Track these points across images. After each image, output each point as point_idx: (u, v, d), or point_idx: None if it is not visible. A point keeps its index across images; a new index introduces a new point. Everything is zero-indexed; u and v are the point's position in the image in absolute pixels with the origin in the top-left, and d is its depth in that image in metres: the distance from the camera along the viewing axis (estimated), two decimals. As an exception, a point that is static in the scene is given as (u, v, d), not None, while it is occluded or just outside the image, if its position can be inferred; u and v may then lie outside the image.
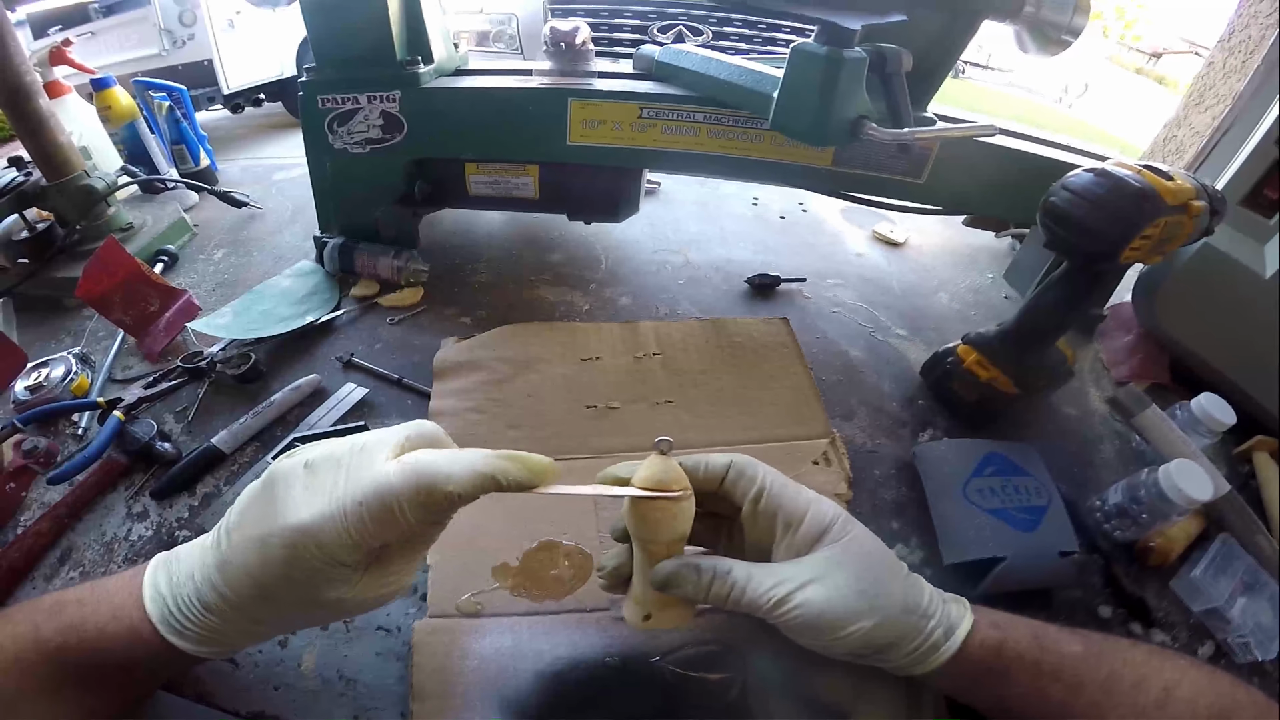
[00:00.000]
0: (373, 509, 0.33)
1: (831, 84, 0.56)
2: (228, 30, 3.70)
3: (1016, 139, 0.76)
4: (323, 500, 0.34)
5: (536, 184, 0.83)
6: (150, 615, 0.37)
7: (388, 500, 0.33)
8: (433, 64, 0.78)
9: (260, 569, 0.35)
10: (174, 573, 0.38)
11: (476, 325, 0.78)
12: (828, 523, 0.41)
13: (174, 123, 1.07)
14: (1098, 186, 0.52)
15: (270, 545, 0.34)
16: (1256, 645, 0.53)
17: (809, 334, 0.80)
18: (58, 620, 0.38)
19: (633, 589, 0.43)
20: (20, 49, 0.78)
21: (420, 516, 0.34)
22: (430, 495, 0.34)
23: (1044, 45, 0.67)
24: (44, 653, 0.37)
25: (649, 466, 0.39)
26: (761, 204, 1.13)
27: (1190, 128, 1.50)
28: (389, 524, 0.34)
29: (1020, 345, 0.66)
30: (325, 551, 0.34)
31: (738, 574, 0.40)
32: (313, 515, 0.34)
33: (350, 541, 0.34)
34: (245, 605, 0.36)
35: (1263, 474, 0.69)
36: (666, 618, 0.42)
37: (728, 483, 0.43)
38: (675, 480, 0.39)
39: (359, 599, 0.36)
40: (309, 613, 0.38)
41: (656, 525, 0.39)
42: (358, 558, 0.35)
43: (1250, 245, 0.70)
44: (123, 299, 0.73)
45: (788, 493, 0.42)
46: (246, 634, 0.39)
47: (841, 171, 0.76)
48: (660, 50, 0.80)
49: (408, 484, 0.33)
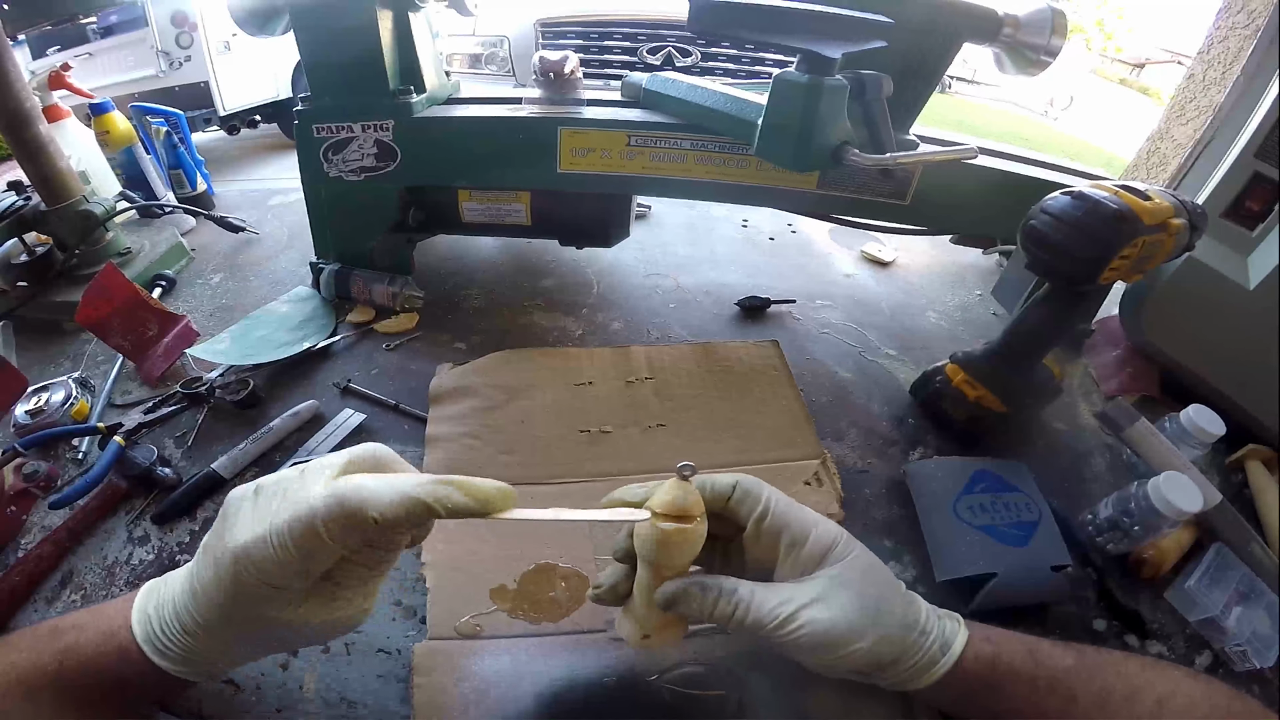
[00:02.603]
0: (296, 532, 0.34)
1: (813, 112, 0.57)
2: (224, 52, 3.71)
3: (999, 159, 0.77)
4: (258, 524, 0.35)
5: (528, 210, 0.85)
6: (136, 636, 0.38)
7: (311, 524, 0.34)
8: (425, 93, 0.79)
9: (216, 589, 0.36)
10: (160, 596, 0.39)
11: (471, 350, 0.79)
12: (831, 543, 0.42)
13: (171, 148, 1.09)
14: (1075, 209, 0.53)
15: (221, 565, 0.35)
16: (1254, 653, 0.53)
17: (799, 355, 0.81)
18: (56, 644, 0.39)
19: (632, 608, 0.43)
20: (20, 75, 0.79)
21: (346, 540, 0.35)
22: (352, 518, 0.34)
23: (1023, 66, 0.69)
24: (45, 676, 0.38)
25: (670, 491, 0.39)
26: (751, 226, 1.14)
27: (1173, 140, 1.52)
28: (314, 547, 0.34)
29: (1007, 364, 0.66)
30: (261, 572, 0.34)
31: (743, 593, 0.40)
32: (248, 538, 0.35)
33: (280, 562, 0.34)
34: (212, 626, 0.37)
35: (1256, 483, 0.69)
36: (664, 637, 0.42)
37: (733, 502, 0.43)
38: (695, 505, 0.39)
39: (306, 622, 0.36)
40: (266, 633, 0.38)
41: (673, 549, 0.40)
42: (292, 580, 0.35)
43: (1233, 257, 0.71)
44: (122, 324, 0.74)
45: (792, 513, 0.43)
46: (222, 655, 0.39)
47: (827, 195, 0.77)
48: (648, 78, 0.82)
49: (330, 508, 0.34)
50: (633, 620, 0.42)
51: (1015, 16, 0.66)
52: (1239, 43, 1.33)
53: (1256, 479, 0.69)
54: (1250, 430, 0.72)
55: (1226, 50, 1.37)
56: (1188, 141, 1.43)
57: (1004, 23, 0.66)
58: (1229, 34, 1.36)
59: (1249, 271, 0.70)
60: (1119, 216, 0.52)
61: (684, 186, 0.78)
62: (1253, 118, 0.72)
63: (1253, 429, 0.72)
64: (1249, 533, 0.62)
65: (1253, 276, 0.69)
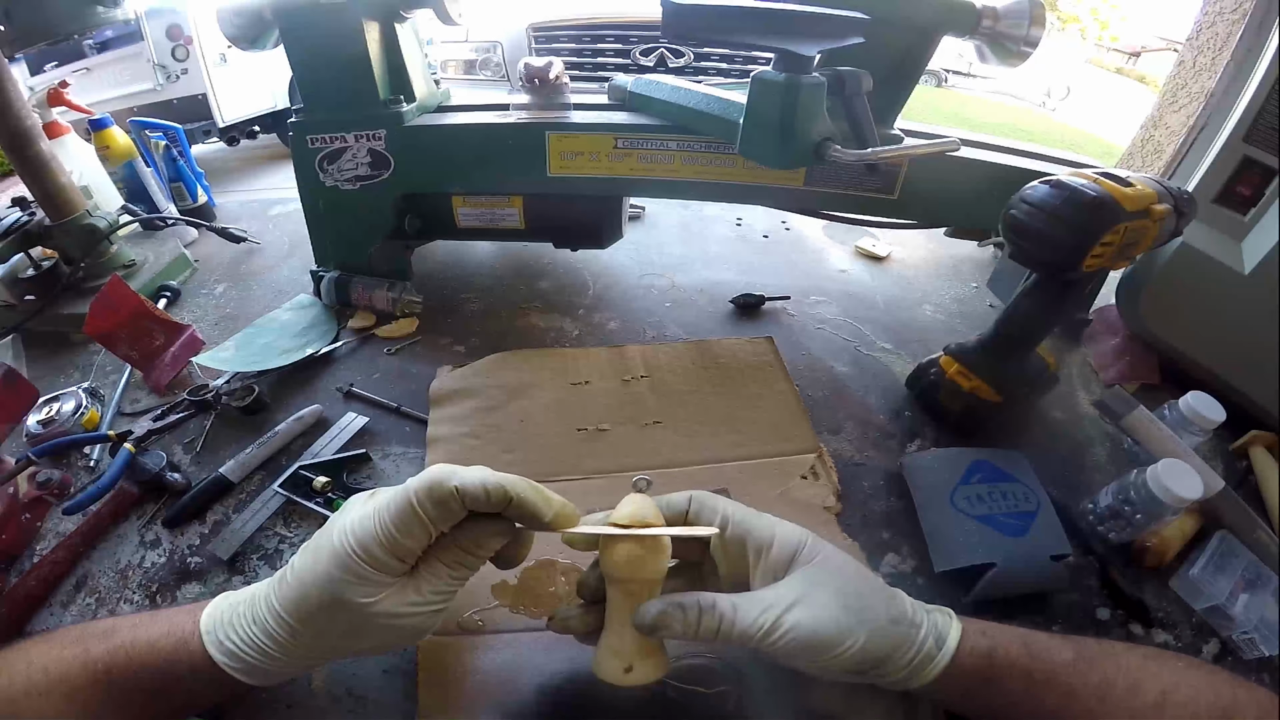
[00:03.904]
0: (394, 507, 0.38)
1: (791, 110, 0.57)
2: (220, 64, 3.75)
3: (984, 150, 0.77)
4: (366, 507, 0.39)
5: (522, 215, 0.86)
6: (201, 627, 0.40)
7: (406, 496, 0.38)
8: (415, 102, 0.80)
9: (307, 570, 0.39)
10: (236, 596, 0.42)
11: (470, 353, 0.80)
12: (797, 544, 0.42)
13: (171, 161, 1.10)
14: (1053, 198, 0.53)
15: (320, 548, 0.39)
16: (1262, 640, 0.52)
17: (794, 351, 0.81)
18: (110, 641, 0.40)
19: (607, 642, 0.41)
20: (20, 94, 0.81)
21: (435, 515, 0.38)
22: (437, 488, 0.38)
23: (1004, 57, 0.69)
24: (91, 674, 0.39)
25: (627, 505, 0.41)
26: (745, 224, 1.15)
27: (1166, 128, 1.52)
28: (408, 520, 0.38)
29: (1000, 354, 0.67)
30: (362, 547, 0.38)
31: (723, 606, 0.39)
32: (355, 517, 0.39)
33: (379, 539, 0.38)
34: (287, 616, 0.39)
35: (1260, 468, 0.68)
36: (648, 668, 0.40)
37: (690, 516, 0.43)
38: (655, 515, 0.41)
39: (385, 613, 0.38)
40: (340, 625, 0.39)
41: (637, 563, 0.40)
42: (387, 558, 0.38)
43: (1227, 242, 0.71)
44: (129, 334, 0.75)
45: (751, 519, 0.43)
46: (285, 654, 0.39)
47: (814, 191, 0.77)
48: (633, 81, 0.83)
49: (421, 480, 0.38)
50: (611, 654, 0.41)
51: (994, 8, 0.66)
52: (1227, 28, 1.33)
53: (1261, 465, 0.69)
54: (1252, 416, 0.72)
55: (1215, 36, 1.37)
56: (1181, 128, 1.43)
57: (982, 15, 0.66)
58: (1216, 19, 1.36)
59: (1243, 256, 0.70)
60: (1097, 204, 0.52)
61: (672, 186, 0.79)
62: (1239, 102, 0.72)
63: (1254, 414, 0.72)
64: (1253, 519, 0.61)
65: (1247, 261, 0.69)
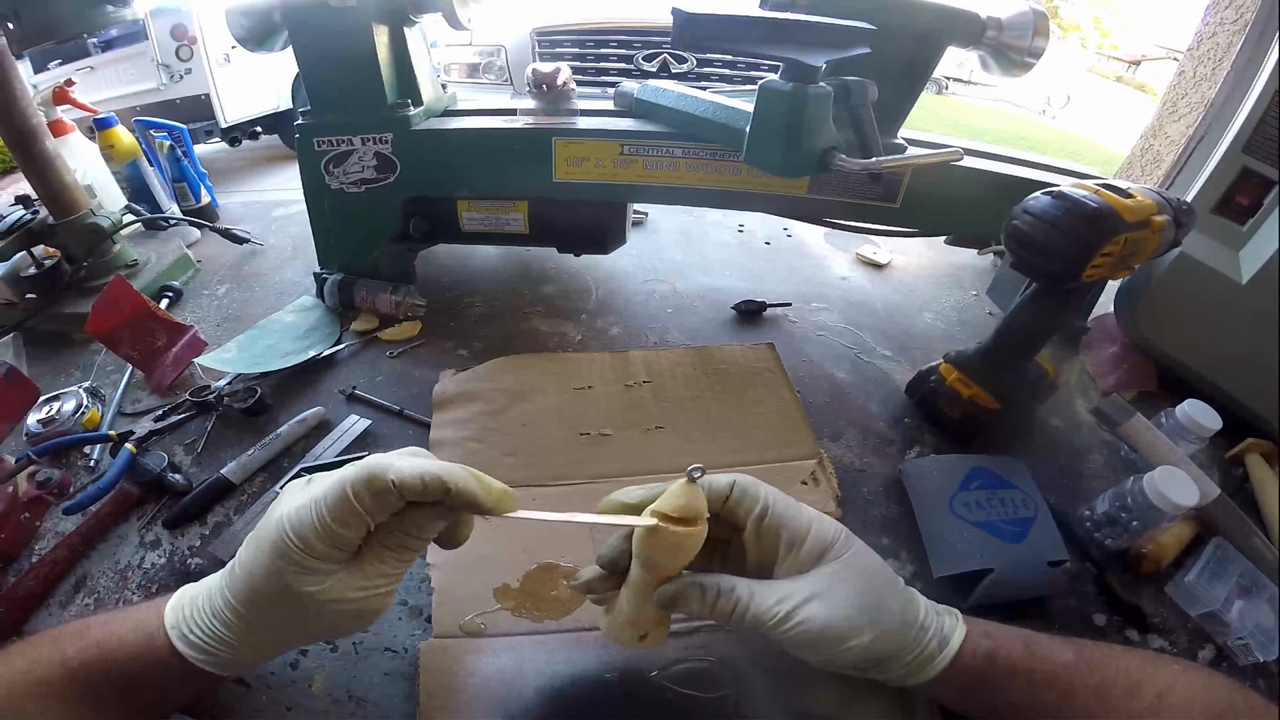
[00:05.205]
0: (330, 499, 0.37)
1: (798, 119, 0.58)
2: (224, 65, 3.76)
3: (987, 159, 0.78)
4: (302, 497, 0.39)
5: (526, 219, 0.86)
6: (165, 622, 0.40)
7: (342, 488, 0.37)
8: (422, 105, 0.81)
9: (254, 562, 0.38)
10: (194, 589, 0.42)
11: (473, 357, 0.80)
12: (830, 540, 0.42)
13: (175, 161, 1.10)
14: (1055, 209, 0.54)
15: (262, 539, 0.39)
16: (1257, 647, 0.53)
17: (795, 358, 0.81)
18: (83, 639, 0.40)
19: (624, 610, 0.43)
20: (26, 92, 0.81)
21: (371, 507, 0.38)
22: (374, 482, 0.37)
23: (1008, 68, 0.70)
24: (68, 672, 0.39)
25: (680, 495, 0.40)
26: (747, 231, 1.15)
27: (1166, 137, 1.53)
28: (345, 512, 0.37)
29: (999, 362, 0.67)
30: (300, 538, 0.37)
31: (741, 591, 0.41)
32: (291, 508, 0.38)
33: (317, 529, 0.37)
34: (241, 607, 0.39)
35: (1256, 476, 0.69)
36: (659, 635, 0.43)
37: (731, 502, 0.43)
38: (704, 509, 0.40)
39: (332, 599, 0.38)
40: (293, 613, 0.39)
41: (676, 552, 0.40)
42: (326, 549, 0.38)
43: (1225, 252, 0.71)
44: (130, 334, 0.75)
45: (790, 511, 0.43)
46: (245, 642, 0.40)
47: (817, 199, 0.78)
48: (639, 88, 0.83)
49: (357, 473, 0.38)
50: (626, 622, 0.43)
51: (998, 19, 0.67)
52: (1228, 38, 1.34)
53: (1257, 472, 0.69)
54: (1248, 424, 0.72)
55: (1216, 46, 1.38)
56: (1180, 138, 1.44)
57: (987, 26, 0.67)
58: (1218, 29, 1.37)
59: (1241, 266, 0.70)
60: (1098, 215, 0.53)
61: (677, 193, 0.79)
62: (1239, 112, 0.72)
63: (1250, 422, 0.72)
64: (1249, 526, 0.62)
65: (1245, 271, 0.70)
